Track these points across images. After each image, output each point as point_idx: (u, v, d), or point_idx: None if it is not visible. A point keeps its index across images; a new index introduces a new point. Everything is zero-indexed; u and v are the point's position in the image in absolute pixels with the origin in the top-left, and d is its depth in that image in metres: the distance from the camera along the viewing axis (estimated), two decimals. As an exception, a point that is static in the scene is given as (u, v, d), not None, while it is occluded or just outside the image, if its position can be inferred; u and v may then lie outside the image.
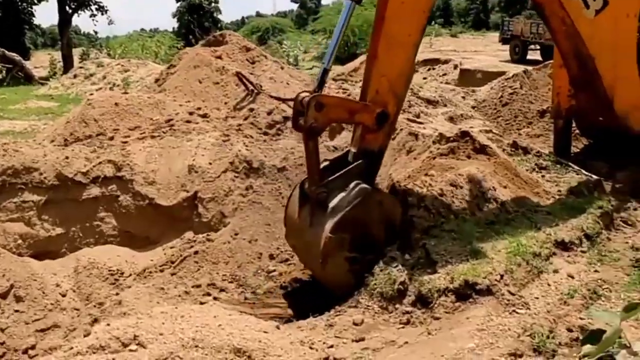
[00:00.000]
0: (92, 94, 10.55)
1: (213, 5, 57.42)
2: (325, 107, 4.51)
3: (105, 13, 38.10)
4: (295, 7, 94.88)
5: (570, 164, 7.48)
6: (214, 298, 5.61)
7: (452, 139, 6.90)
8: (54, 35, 65.81)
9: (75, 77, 23.01)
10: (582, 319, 3.94)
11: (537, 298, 4.19)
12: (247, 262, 6.35)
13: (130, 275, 6.38)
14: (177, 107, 8.40)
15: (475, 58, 31.19)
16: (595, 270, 4.71)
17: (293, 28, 50.68)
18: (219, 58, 9.49)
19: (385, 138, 5.01)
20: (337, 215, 4.64)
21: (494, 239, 4.71)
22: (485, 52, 37.20)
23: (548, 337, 3.68)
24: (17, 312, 5.43)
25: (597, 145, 8.48)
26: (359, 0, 4.75)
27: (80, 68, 24.11)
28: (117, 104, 8.22)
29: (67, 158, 7.12)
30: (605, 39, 6.03)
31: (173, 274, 6.22)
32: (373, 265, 4.62)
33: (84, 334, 3.79)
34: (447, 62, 26.79)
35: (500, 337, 3.70)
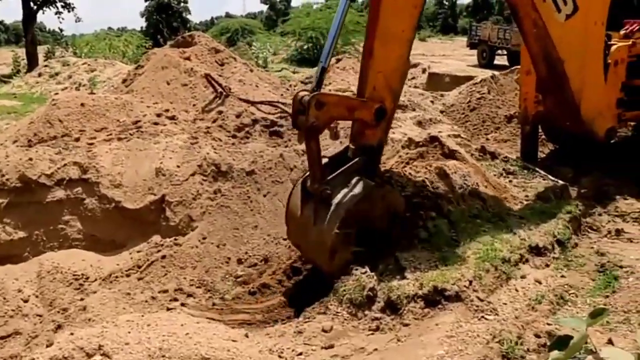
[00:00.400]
0: (57, 94, 10.37)
1: (182, 5, 56.93)
2: (326, 105, 4.55)
3: (72, 10, 37.29)
4: (265, 8, 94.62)
5: (537, 170, 7.57)
6: (182, 304, 5.53)
7: (421, 144, 6.93)
8: (18, 32, 64.50)
9: (40, 75, 22.55)
10: (549, 325, 3.98)
11: (505, 304, 4.22)
12: (215, 266, 6.28)
13: (96, 280, 6.25)
14: (144, 108, 8.26)
15: (444, 62, 31.47)
16: (562, 276, 4.76)
17: (262, 29, 50.42)
18: (188, 59, 9.37)
19: (384, 133, 5.09)
20: (342, 211, 4.67)
21: (464, 244, 4.73)
22: (453, 56, 37.59)
23: (516, 343, 3.70)
24: (-24, 318, 5.29)
25: (562, 151, 8.61)
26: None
27: (45, 66, 23.63)
28: (83, 105, 8.05)
29: (30, 160, 6.96)
30: (575, 43, 6.15)
31: (140, 279, 6.12)
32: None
33: (47, 344, 3.68)
34: (415, 66, 26.91)
35: (470, 343, 3.71)
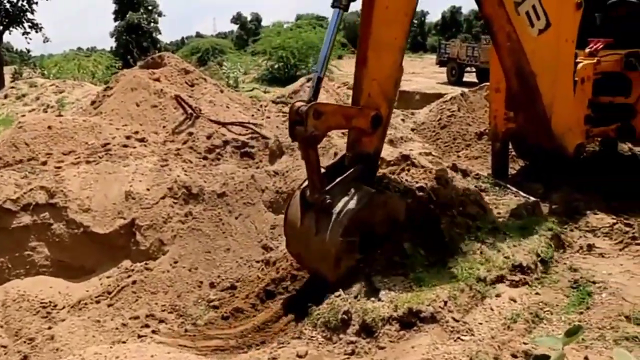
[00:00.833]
0: (24, 116, 10.19)
1: (152, 25, 56.67)
2: (324, 115, 4.57)
3: (40, 31, 36.96)
4: (235, 28, 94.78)
5: (509, 186, 7.61)
6: (153, 331, 5.40)
7: (392, 162, 6.92)
8: (-15, 54, 63.48)
9: (6, 97, 22.14)
10: (525, 344, 3.96)
11: (481, 324, 4.20)
12: (187, 291, 6.18)
13: (64, 308, 6.10)
14: (113, 130, 8.17)
15: (413, 80, 31.75)
16: (536, 293, 4.76)
17: (233, 49, 50.44)
18: (157, 80, 9.31)
19: (380, 140, 5.12)
20: (345, 220, 4.65)
21: (438, 266, 4.71)
22: (423, 74, 37.96)
23: (493, 364, 3.67)
24: (-62, 350, 5.10)
25: (533, 167, 8.69)
26: (347, 7, 4.78)
27: (12, 88, 23.21)
28: (50, 127, 7.93)
29: (-5, 184, 6.81)
30: (547, 58, 6.27)
31: (110, 305, 5.98)
32: None
33: (11, 379, 3.55)
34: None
35: (446, 365, 3.67)
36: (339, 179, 4.81)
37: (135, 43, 51.43)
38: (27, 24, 35.95)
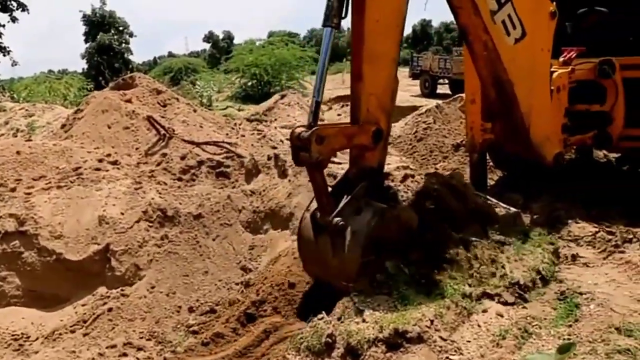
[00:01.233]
0: (-8, 142, 9.92)
1: (124, 46, 56.32)
2: (326, 139, 4.50)
3: (8, 54, 36.49)
4: (208, 46, 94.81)
5: (488, 197, 7.55)
6: (130, 361, 5.24)
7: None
8: (-48, 79, 62.54)
9: (-25, 123, 21.77)
10: (515, 362, 3.86)
11: (469, 341, 4.08)
12: (165, 316, 6.03)
13: (38, 339, 5.90)
14: (85, 154, 7.99)
15: (388, 93, 31.78)
16: (523, 307, 4.66)
17: (206, 68, 50.30)
18: (129, 102, 9.17)
19: (382, 153, 5.07)
20: (362, 239, 4.59)
21: (423, 282, 4.59)
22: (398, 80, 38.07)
23: (483, 383, 3.56)
24: None
25: (511, 177, 8.66)
26: (338, 26, 4.68)
27: (-20, 113, 22.84)
28: (19, 152, 7.73)
29: (-38, 213, 6.59)
30: (524, 67, 6.25)
31: (85, 335, 5.81)
32: None
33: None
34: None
35: (436, 387, 3.55)
36: (348, 199, 4.75)
37: (107, 64, 50.96)
38: (-6, 48, 35.50)
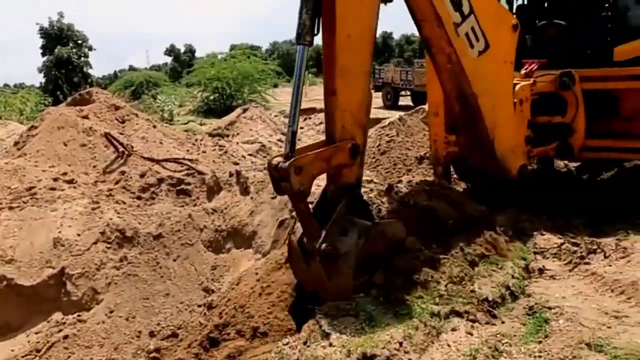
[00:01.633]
0: (-59, 162, 9.53)
1: (83, 60, 55.33)
2: (304, 167, 4.43)
3: (-39, 71, 35.53)
4: (169, 60, 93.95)
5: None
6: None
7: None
8: None
9: None
10: (487, 382, 3.76)
11: (439, 363, 3.98)
12: (124, 342, 5.81)
13: (-13, 371, 5.63)
14: (39, 173, 7.71)
15: (351, 105, 31.82)
16: (493, 324, 4.58)
17: (168, 81, 49.78)
18: (86, 118, 8.92)
19: (360, 168, 5.00)
20: (351, 263, 4.56)
21: (390, 301, 4.48)
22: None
23: (455, 406, 3.45)
24: None
25: (475, 189, 8.65)
26: (311, 43, 4.60)
27: None
28: (-32, 174, 7.43)
29: None
30: (488, 80, 6.25)
31: (39, 365, 5.55)
32: None
33: None
34: (322, 110, 27.17)
35: (406, 412, 3.42)
36: (332, 221, 4.65)
37: (65, 78, 50.02)
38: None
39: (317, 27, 4.57)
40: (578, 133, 7.29)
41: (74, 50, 53.92)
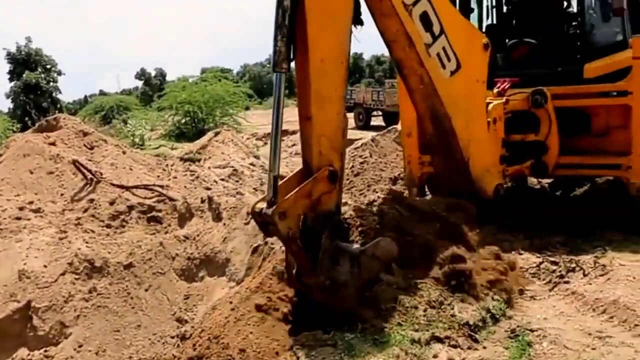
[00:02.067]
0: None
1: (52, 85, 54.64)
2: (288, 211, 4.38)
3: None
4: (140, 84, 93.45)
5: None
6: None
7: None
8: None
9: None
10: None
11: (422, 392, 3.86)
12: (94, 378, 5.60)
13: (-52, 414, 5.36)
14: (4, 202, 7.50)
15: (323, 126, 31.86)
16: (475, 349, 4.48)
17: (139, 105, 49.32)
18: (53, 145, 8.71)
19: (339, 193, 4.90)
20: (351, 291, 4.59)
21: (369, 328, 4.36)
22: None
23: None
24: None
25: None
26: (288, 70, 4.56)
27: None
28: None
29: None
30: (460, 99, 6.23)
31: (4, 405, 5.32)
32: None
33: None
34: (295, 132, 27.14)
35: None
36: (322, 253, 4.58)
37: (34, 104, 49.30)
38: None
39: (293, 53, 4.51)
40: (552, 150, 7.29)
41: (43, 76, 53.16)
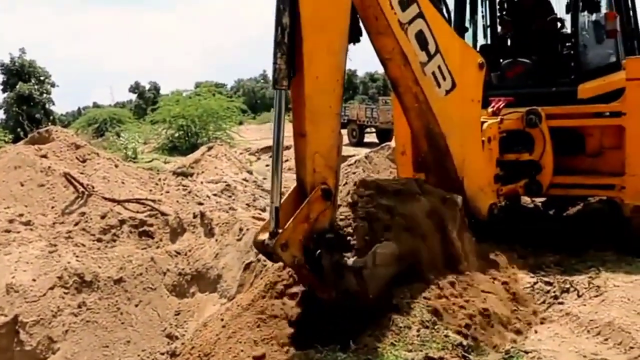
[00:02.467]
0: None
1: (45, 96, 54.56)
2: (289, 240, 4.38)
3: None
4: (134, 97, 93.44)
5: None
6: None
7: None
8: None
9: None
10: None
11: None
12: (82, 394, 5.52)
13: None
14: (-7, 214, 7.42)
15: (316, 143, 31.91)
16: (466, 373, 4.43)
17: (132, 118, 49.24)
18: (44, 157, 8.65)
19: (333, 210, 4.86)
20: (366, 299, 4.65)
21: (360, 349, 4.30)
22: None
23: None
24: None
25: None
26: (288, 87, 4.50)
27: None
28: None
29: None
30: (455, 118, 6.21)
31: (-11, 422, 5.23)
32: None
33: None
34: (288, 148, 27.06)
35: None
36: (325, 275, 4.61)
37: (27, 115, 49.11)
38: None
39: (293, 70, 4.47)
40: (546, 170, 7.29)
41: (36, 87, 53.14)
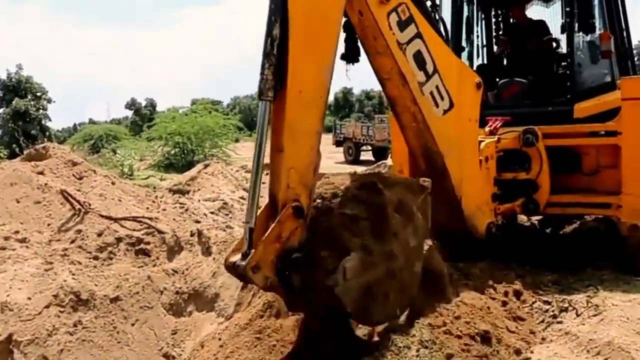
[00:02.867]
0: None
1: (41, 112, 54.57)
2: (259, 262, 4.22)
3: None
4: (130, 113, 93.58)
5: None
6: None
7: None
8: None
9: None
10: None
11: None
12: (77, 415, 5.45)
13: None
14: (-12, 232, 7.36)
15: (312, 160, 31.94)
16: (466, 392, 4.41)
17: (128, 135, 49.29)
18: (41, 174, 8.60)
19: (304, 229, 4.58)
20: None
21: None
22: (321, 154, 38.47)
23: None
24: None
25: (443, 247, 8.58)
26: (274, 99, 4.37)
27: None
28: None
29: None
30: (453, 138, 6.24)
31: None
32: None
33: None
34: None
35: None
36: (296, 294, 4.49)
37: (23, 131, 49.11)
38: None
39: (280, 82, 4.35)
40: (543, 189, 7.33)
41: (32, 103, 53.19)
